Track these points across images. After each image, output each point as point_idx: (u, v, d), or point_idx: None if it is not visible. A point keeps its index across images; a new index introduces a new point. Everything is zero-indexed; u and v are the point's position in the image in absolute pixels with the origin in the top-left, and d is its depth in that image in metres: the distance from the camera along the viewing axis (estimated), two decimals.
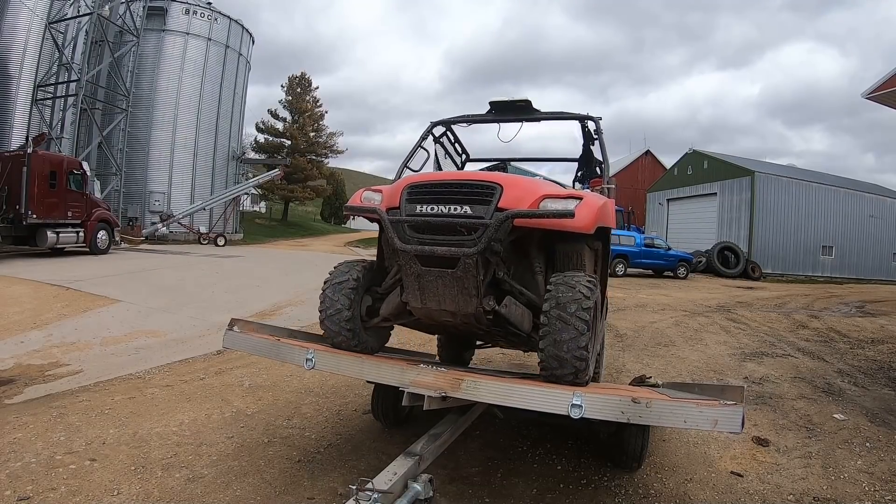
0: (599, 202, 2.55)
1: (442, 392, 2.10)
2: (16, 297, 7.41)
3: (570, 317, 2.17)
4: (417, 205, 2.48)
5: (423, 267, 2.41)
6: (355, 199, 2.90)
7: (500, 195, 2.38)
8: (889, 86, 9.85)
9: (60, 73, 19.25)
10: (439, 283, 2.41)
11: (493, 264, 2.41)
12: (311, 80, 39.76)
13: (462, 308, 2.43)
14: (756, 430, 3.76)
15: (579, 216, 2.31)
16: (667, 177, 30.58)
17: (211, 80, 25.02)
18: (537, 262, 2.67)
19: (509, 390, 2.02)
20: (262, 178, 29.26)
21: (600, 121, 3.63)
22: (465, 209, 2.37)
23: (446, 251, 2.30)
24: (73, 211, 13.13)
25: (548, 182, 2.85)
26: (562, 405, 1.93)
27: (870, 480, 3.02)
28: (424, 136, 3.76)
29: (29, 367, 4.69)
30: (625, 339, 7.13)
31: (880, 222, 25.37)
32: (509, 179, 2.52)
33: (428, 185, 2.54)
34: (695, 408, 1.81)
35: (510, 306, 2.46)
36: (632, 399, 1.85)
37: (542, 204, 2.39)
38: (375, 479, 1.77)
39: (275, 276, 11.72)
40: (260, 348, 2.79)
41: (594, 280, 2.39)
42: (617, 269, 17.25)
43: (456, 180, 2.52)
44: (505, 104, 3.69)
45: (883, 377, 5.44)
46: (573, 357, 2.15)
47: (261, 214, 44.95)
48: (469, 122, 3.91)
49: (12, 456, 2.88)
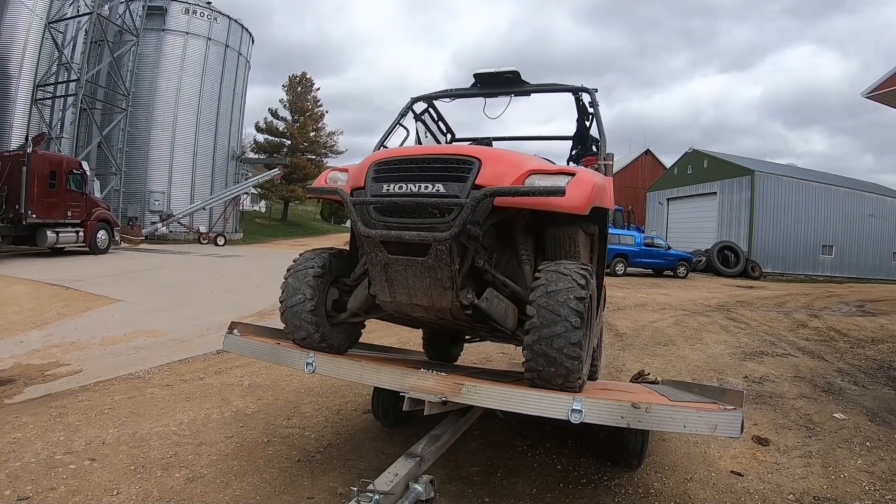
0: (595, 179, 2.27)
1: (442, 396, 2.00)
2: (15, 296, 7.41)
3: (561, 308, 1.93)
4: (384, 184, 2.22)
5: (391, 255, 2.15)
6: (320, 179, 2.67)
7: (478, 171, 2.11)
8: (888, 85, 9.85)
9: (60, 73, 19.25)
10: (409, 274, 2.15)
11: (470, 251, 2.15)
12: (312, 80, 39.78)
13: (436, 302, 2.20)
14: (756, 430, 3.75)
15: (571, 194, 2.06)
16: (667, 176, 30.59)
17: (211, 79, 24.99)
18: (524, 249, 2.42)
19: (509, 394, 1.92)
20: (262, 177, 29.27)
21: (596, 93, 3.30)
22: (437, 187, 2.11)
23: (415, 236, 2.05)
24: (72, 211, 13.13)
25: (536, 157, 2.59)
26: (562, 410, 1.83)
27: (870, 480, 3.02)
28: (404, 112, 3.45)
29: (28, 367, 4.69)
30: (624, 338, 7.13)
31: (880, 221, 25.37)
32: (489, 153, 2.25)
33: (396, 160, 2.28)
34: (694, 412, 1.75)
35: (491, 300, 2.20)
36: (632, 404, 1.76)
37: (527, 181, 2.13)
38: (376, 481, 1.76)
39: (274, 276, 11.67)
40: (260, 352, 2.68)
41: (590, 268, 2.15)
42: (617, 268, 17.25)
43: (427, 154, 2.26)
44: (491, 76, 3.35)
45: (883, 376, 5.43)
46: (565, 356, 1.92)
47: (261, 214, 44.94)
48: (452, 96, 3.59)
49: (12, 456, 2.88)
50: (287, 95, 39.17)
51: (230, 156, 27.03)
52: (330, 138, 40.58)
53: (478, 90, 3.45)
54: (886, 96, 10.19)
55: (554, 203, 2.06)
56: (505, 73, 3.28)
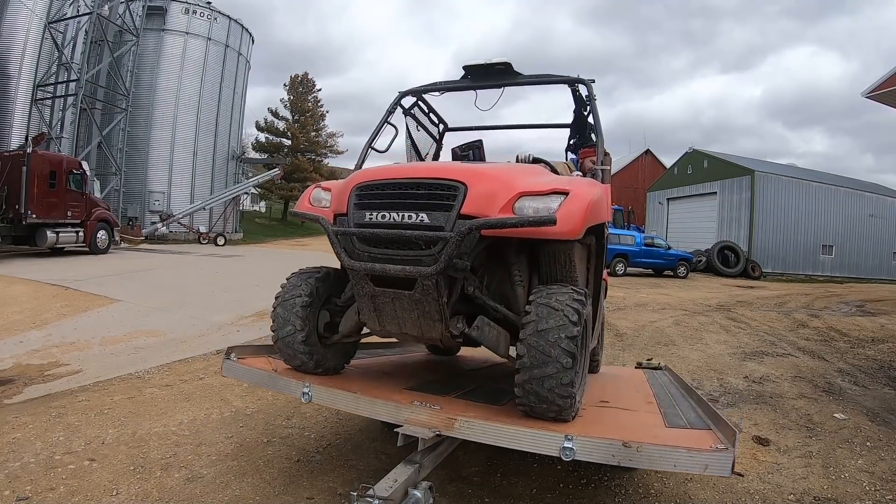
0: (589, 195, 2.14)
1: (436, 430, 1.99)
2: (15, 296, 7.40)
3: (552, 348, 1.88)
4: (367, 212, 2.13)
5: (377, 287, 2.11)
6: (304, 199, 2.58)
7: (464, 197, 2.01)
8: (888, 85, 9.85)
9: (60, 73, 19.25)
10: (397, 306, 2.12)
11: (459, 280, 2.10)
12: (313, 80, 39.79)
13: (426, 332, 2.18)
14: (756, 430, 3.75)
15: (563, 220, 1.95)
16: (667, 176, 30.59)
17: (211, 79, 25.00)
18: (517, 270, 2.34)
19: (502, 431, 1.92)
20: (262, 177, 29.27)
21: (593, 84, 3.16)
22: (421, 217, 2.02)
23: (400, 271, 1.98)
24: (72, 211, 13.12)
25: (528, 168, 2.47)
26: (553, 447, 1.83)
27: (870, 480, 3.01)
28: (392, 109, 3.36)
29: (28, 367, 4.68)
30: (625, 338, 7.13)
31: (880, 221, 25.37)
32: (476, 174, 2.12)
33: (378, 185, 2.18)
34: (685, 452, 1.73)
35: (482, 328, 2.16)
36: (622, 443, 1.76)
37: (517, 203, 2.04)
38: (376, 486, 1.76)
39: (274, 276, 11.68)
40: (259, 380, 2.68)
41: (584, 295, 2.08)
42: (617, 268, 17.26)
43: (409, 179, 2.14)
44: (481, 68, 3.22)
45: (883, 376, 5.43)
46: (556, 395, 1.90)
47: (261, 214, 44.94)
48: (442, 90, 3.46)
49: (11, 456, 2.88)
50: (288, 95, 39.20)
51: (230, 156, 27.05)
52: (330, 138, 40.64)
53: (468, 83, 3.32)
54: (886, 96, 10.18)
55: (545, 232, 1.97)
56: (496, 64, 3.17)
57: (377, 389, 2.49)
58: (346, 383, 2.53)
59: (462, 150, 3.56)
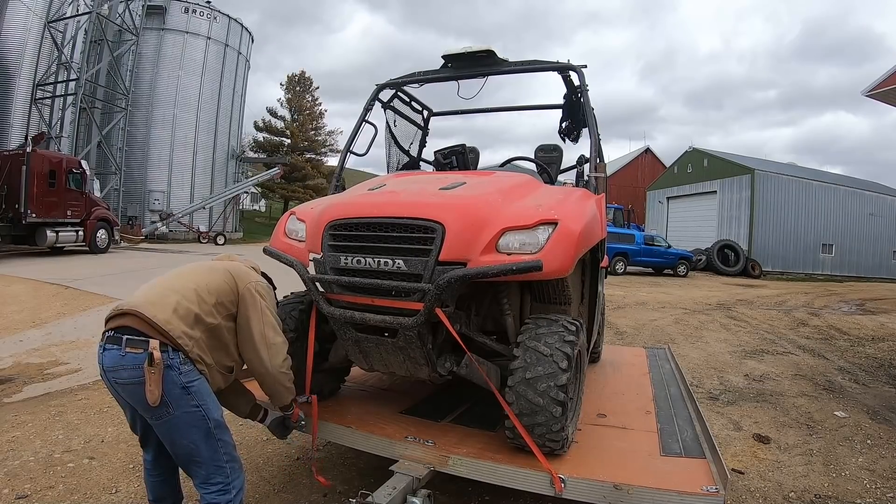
0: (581, 221, 2.03)
1: (430, 467, 2.00)
2: (15, 295, 7.40)
3: (541, 398, 1.86)
4: (342, 255, 2.03)
5: (359, 333, 2.08)
6: (279, 230, 2.47)
7: (442, 240, 1.88)
8: (889, 83, 9.83)
9: (60, 72, 19.21)
10: (382, 350, 2.10)
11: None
12: (311, 78, 39.75)
13: (413, 373, 2.17)
14: (757, 428, 3.75)
15: (550, 260, 1.85)
16: (667, 175, 30.59)
17: (210, 78, 24.96)
18: (506, 299, 2.25)
19: (495, 469, 1.95)
20: (262, 176, 29.24)
21: (585, 69, 2.97)
22: (397, 263, 1.92)
23: (380, 321, 1.94)
24: (72, 210, 13.11)
25: (514, 186, 2.34)
26: (545, 486, 1.85)
27: (871, 477, 3.01)
28: (369, 105, 3.18)
29: (28, 366, 4.68)
30: (625, 336, 7.13)
31: (880, 220, 25.37)
32: (455, 209, 1.96)
33: (351, 225, 2.05)
34: (676, 495, 1.76)
35: (470, 367, 2.08)
36: (614, 485, 1.78)
37: (502, 240, 1.93)
38: (375, 493, 1.77)
39: (273, 275, 11.67)
40: None
41: (576, 329, 2.02)
42: (617, 267, 17.25)
43: (384, 218, 1.99)
44: (462, 57, 3.04)
45: (883, 374, 5.43)
46: (547, 440, 1.92)
47: (260, 213, 44.95)
48: (422, 81, 3.27)
49: (11, 454, 2.88)
50: (286, 94, 39.17)
51: (230, 155, 27.02)
52: (329, 137, 40.61)
53: (450, 72, 3.13)
54: (886, 95, 10.17)
55: (532, 276, 1.88)
56: (478, 52, 2.99)
57: (372, 415, 2.50)
58: (341, 408, 2.56)
59: (444, 157, 3.35)
